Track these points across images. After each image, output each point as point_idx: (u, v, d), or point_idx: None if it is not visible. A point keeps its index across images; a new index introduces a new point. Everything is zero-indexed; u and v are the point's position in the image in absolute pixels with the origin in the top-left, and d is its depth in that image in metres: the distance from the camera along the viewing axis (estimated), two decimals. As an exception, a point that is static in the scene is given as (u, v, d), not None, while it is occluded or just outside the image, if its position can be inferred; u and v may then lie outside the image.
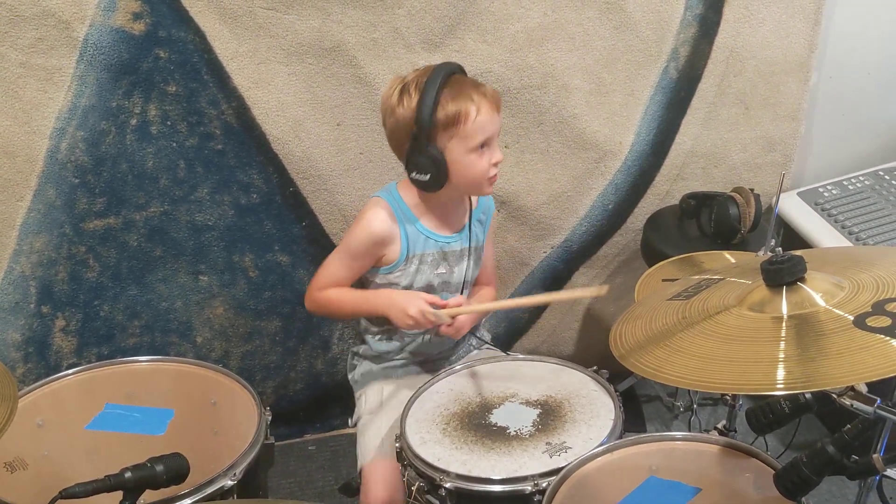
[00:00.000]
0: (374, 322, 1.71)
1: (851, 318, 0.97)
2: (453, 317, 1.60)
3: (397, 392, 1.70)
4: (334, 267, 1.65)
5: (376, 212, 1.61)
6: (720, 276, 1.22)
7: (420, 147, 1.51)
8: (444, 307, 1.59)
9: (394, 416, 1.64)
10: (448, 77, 1.52)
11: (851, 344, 0.93)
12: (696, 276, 1.27)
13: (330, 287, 1.65)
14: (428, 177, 1.53)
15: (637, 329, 1.13)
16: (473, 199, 1.70)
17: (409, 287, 1.65)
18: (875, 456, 1.08)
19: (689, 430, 2.13)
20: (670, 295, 1.20)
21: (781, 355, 0.96)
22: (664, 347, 1.05)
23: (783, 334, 0.99)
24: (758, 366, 0.96)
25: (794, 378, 0.92)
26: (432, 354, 1.75)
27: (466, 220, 1.67)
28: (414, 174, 1.55)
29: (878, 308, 0.96)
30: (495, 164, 1.57)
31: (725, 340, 1.02)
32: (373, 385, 1.73)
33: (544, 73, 2.06)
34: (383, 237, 1.61)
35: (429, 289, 1.66)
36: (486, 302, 1.78)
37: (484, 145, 1.54)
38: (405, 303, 1.57)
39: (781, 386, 0.92)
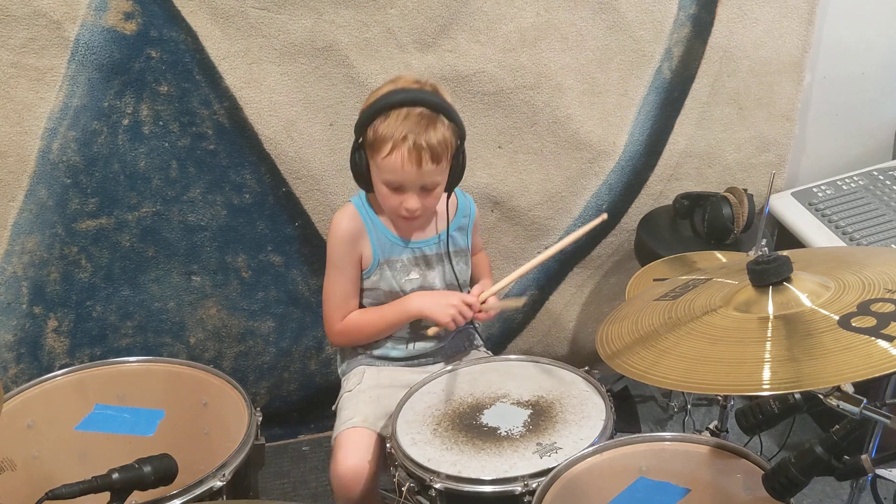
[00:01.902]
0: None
1: (837, 318, 0.97)
2: (483, 301, 1.61)
3: (378, 374, 1.70)
4: (332, 287, 1.64)
5: (341, 213, 1.64)
6: (707, 277, 1.22)
7: (356, 145, 1.54)
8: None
9: (374, 394, 1.65)
10: (404, 104, 1.47)
11: (837, 344, 0.92)
12: (684, 277, 1.26)
13: (344, 312, 1.65)
14: (353, 174, 1.56)
15: (624, 330, 1.13)
16: (450, 204, 1.66)
17: (389, 291, 1.65)
18: (864, 457, 1.08)
19: (684, 431, 2.13)
20: (657, 295, 1.20)
21: (767, 356, 0.96)
22: (651, 348, 1.05)
23: (769, 334, 0.99)
24: (744, 366, 0.96)
25: (780, 379, 0.91)
26: (422, 354, 1.75)
27: (443, 225, 1.65)
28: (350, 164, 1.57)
29: (864, 308, 0.96)
30: (407, 209, 1.54)
31: (712, 341, 1.02)
32: (356, 369, 1.74)
33: (538, 74, 2.06)
34: (352, 234, 1.61)
35: (402, 295, 1.66)
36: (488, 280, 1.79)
37: (397, 187, 1.52)
38: (443, 297, 1.59)
39: (767, 386, 0.92)
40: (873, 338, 0.90)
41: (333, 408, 1.74)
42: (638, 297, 1.25)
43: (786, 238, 2.23)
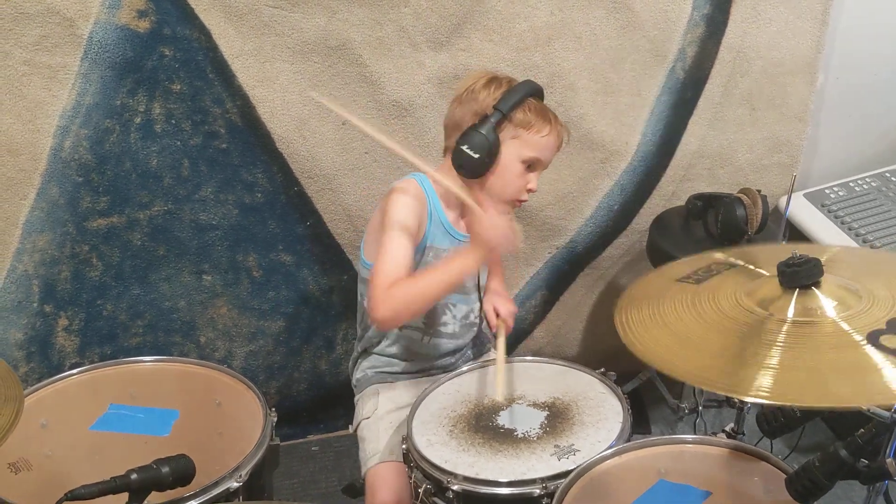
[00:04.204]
0: (379, 335, 1.70)
1: (862, 336, 0.95)
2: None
3: (395, 396, 1.68)
4: (398, 250, 1.47)
5: (409, 181, 1.58)
6: (730, 263, 1.21)
7: (486, 127, 1.51)
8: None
9: (393, 419, 1.63)
10: (535, 93, 1.59)
11: (867, 362, 0.91)
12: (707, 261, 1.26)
13: (401, 276, 1.45)
14: (477, 157, 1.51)
15: (644, 315, 1.11)
16: None
17: None
18: (889, 460, 1.07)
19: (695, 433, 2.12)
20: (680, 276, 1.19)
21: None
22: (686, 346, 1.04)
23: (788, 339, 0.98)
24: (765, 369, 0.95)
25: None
26: (432, 362, 1.73)
27: None
28: (465, 147, 1.51)
29: (893, 326, 0.94)
30: (528, 191, 1.60)
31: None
32: (369, 390, 1.71)
33: (551, 73, 2.05)
34: (422, 205, 1.56)
35: None
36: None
37: (531, 165, 1.58)
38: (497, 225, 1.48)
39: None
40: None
41: (352, 430, 1.72)
42: (656, 277, 1.24)
43: (797, 239, 2.22)
